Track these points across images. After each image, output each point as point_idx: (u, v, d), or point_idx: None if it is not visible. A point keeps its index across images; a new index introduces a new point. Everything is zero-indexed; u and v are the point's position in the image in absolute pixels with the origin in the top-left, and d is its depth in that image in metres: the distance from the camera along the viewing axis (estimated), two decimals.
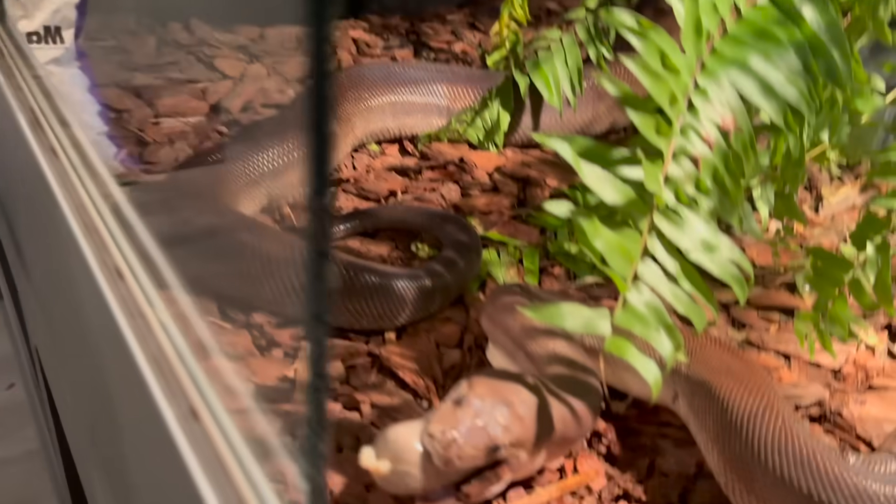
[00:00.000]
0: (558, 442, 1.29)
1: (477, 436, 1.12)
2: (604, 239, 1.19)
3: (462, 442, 1.09)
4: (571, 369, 1.39)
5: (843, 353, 1.77)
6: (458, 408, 1.14)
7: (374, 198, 2.19)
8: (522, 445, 1.19)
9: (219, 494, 0.78)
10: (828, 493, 1.20)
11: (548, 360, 1.42)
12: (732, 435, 1.31)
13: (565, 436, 1.30)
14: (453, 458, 1.08)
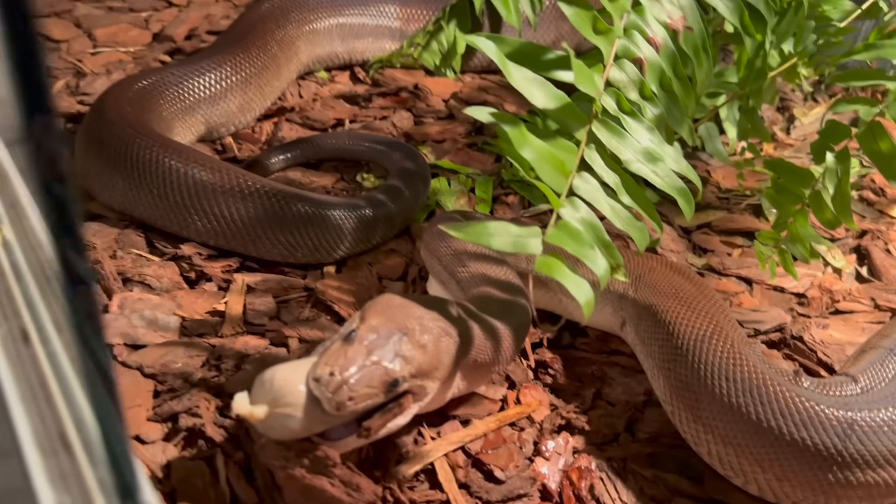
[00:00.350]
0: (477, 366, 1.20)
1: (371, 374, 1.00)
2: (534, 148, 1.08)
3: (354, 383, 0.98)
4: (496, 292, 1.30)
5: (809, 278, 1.69)
6: (348, 345, 1.02)
7: (319, 127, 2.07)
8: (427, 374, 1.08)
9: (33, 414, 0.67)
10: (777, 418, 1.12)
11: (473, 284, 1.33)
12: (679, 360, 1.22)
13: (485, 359, 1.20)
14: (345, 403, 0.97)
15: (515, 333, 1.24)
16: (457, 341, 1.12)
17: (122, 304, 1.33)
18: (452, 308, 1.16)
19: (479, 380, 1.25)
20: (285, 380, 0.98)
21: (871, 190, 2.00)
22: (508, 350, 1.23)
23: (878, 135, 1.26)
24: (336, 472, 0.98)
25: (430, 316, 1.09)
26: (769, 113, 2.31)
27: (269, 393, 0.98)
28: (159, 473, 1.06)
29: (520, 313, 1.28)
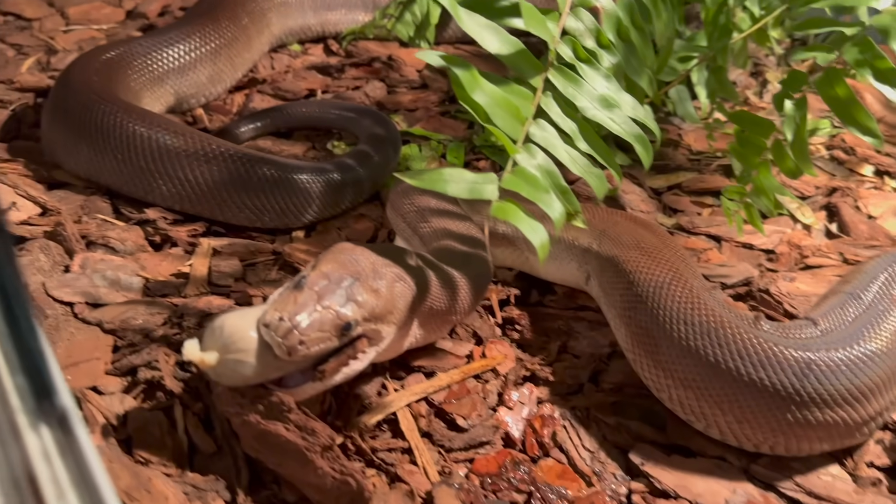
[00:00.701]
0: (434, 314, 1.20)
1: (321, 318, 0.99)
2: (487, 93, 1.08)
3: (304, 327, 0.97)
4: (456, 244, 1.30)
5: (778, 234, 1.69)
6: (298, 291, 1.01)
7: (291, 98, 2.06)
8: (381, 319, 1.07)
9: None
10: (735, 359, 1.13)
11: (435, 238, 1.33)
12: (639, 307, 1.22)
13: (441, 307, 1.20)
14: (296, 347, 0.97)
15: (474, 283, 1.24)
16: (412, 287, 1.11)
17: (84, 265, 1.33)
18: (408, 256, 1.16)
19: (437, 329, 1.25)
20: (235, 326, 0.98)
21: (842, 149, 2.00)
22: (466, 299, 1.23)
23: (834, 81, 1.26)
24: (291, 418, 0.98)
25: (383, 262, 1.09)
26: (743, 78, 2.31)
27: (219, 339, 0.98)
28: (114, 422, 1.06)
29: (479, 264, 1.28)
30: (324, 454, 0.98)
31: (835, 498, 1.13)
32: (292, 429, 0.98)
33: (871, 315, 1.23)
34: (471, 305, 1.26)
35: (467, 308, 1.26)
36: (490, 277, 1.32)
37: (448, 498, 1.05)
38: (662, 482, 1.13)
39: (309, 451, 0.96)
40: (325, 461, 0.97)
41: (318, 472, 0.97)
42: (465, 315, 1.27)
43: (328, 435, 0.99)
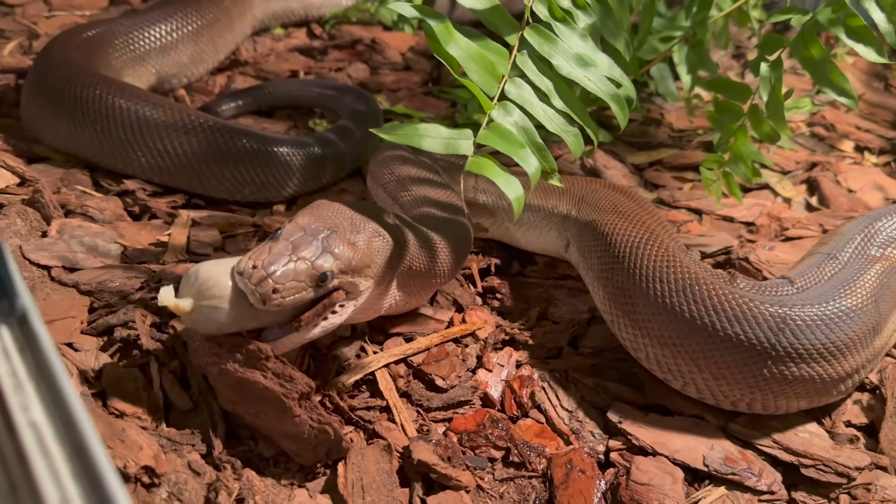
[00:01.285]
0: (414, 275, 1.19)
1: (296, 268, 0.99)
2: (461, 47, 1.08)
3: (279, 276, 0.97)
4: (436, 211, 1.30)
5: (758, 207, 1.70)
6: (274, 242, 1.01)
7: (273, 79, 2.06)
8: (358, 272, 1.06)
9: None
10: (711, 315, 1.13)
11: (415, 206, 1.33)
12: (615, 268, 1.23)
13: (420, 267, 1.20)
14: (270, 295, 0.96)
15: (453, 247, 1.24)
16: (390, 243, 1.11)
17: (62, 230, 1.32)
18: (388, 215, 1.16)
19: (417, 292, 1.24)
20: (210, 273, 0.98)
21: (823, 126, 2.02)
22: (446, 262, 1.23)
23: (809, 41, 1.26)
24: (269, 365, 0.98)
25: (361, 217, 1.09)
26: (725, 59, 2.32)
27: (194, 286, 0.98)
28: (90, 374, 1.05)
29: (458, 229, 1.28)
30: (301, 402, 0.97)
31: (811, 453, 1.13)
32: (270, 376, 0.97)
33: (847, 273, 1.24)
34: (451, 269, 1.26)
35: (447, 272, 1.25)
36: (470, 243, 1.32)
37: (425, 452, 1.05)
38: (640, 439, 1.13)
39: (287, 397, 0.96)
40: (302, 409, 0.97)
41: (295, 420, 0.96)
42: (444, 279, 1.27)
43: (306, 382, 0.99)
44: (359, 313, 1.12)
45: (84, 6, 2.45)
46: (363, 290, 1.08)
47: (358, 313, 1.12)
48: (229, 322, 0.98)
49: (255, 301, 0.97)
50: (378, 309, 1.18)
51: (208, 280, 0.97)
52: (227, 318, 0.97)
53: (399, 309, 1.25)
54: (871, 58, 1.21)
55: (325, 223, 1.05)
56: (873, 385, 1.28)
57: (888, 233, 1.30)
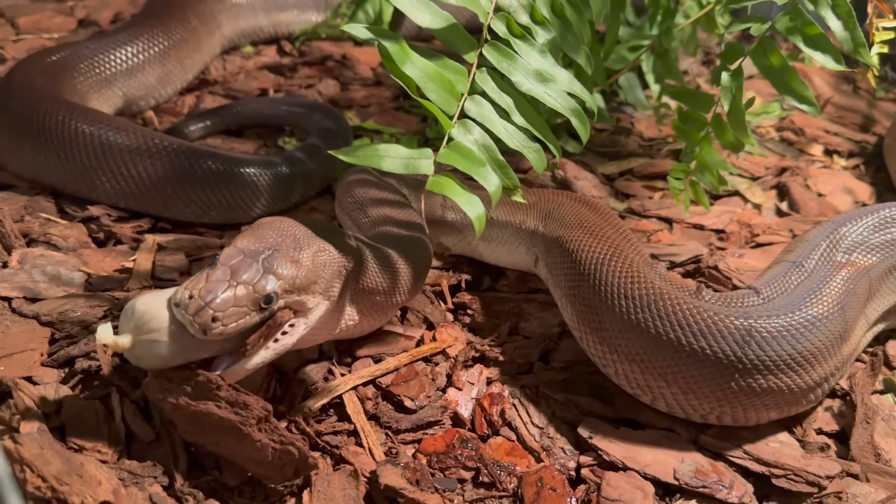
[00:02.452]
0: (369, 293, 1.17)
1: (236, 294, 0.96)
2: (418, 67, 1.08)
3: (218, 304, 0.94)
4: (394, 229, 1.29)
5: (728, 214, 1.70)
6: (211, 269, 0.98)
7: (243, 98, 2.05)
8: (305, 289, 1.04)
9: None
10: (676, 330, 1.12)
11: (373, 226, 1.32)
12: (582, 285, 1.22)
13: (376, 286, 1.18)
14: (209, 324, 0.94)
15: (410, 264, 1.23)
16: (337, 257, 1.09)
17: (23, 260, 1.31)
18: (338, 231, 1.14)
19: (375, 311, 1.22)
20: (147, 306, 0.96)
21: (792, 130, 2.03)
22: (403, 280, 1.22)
23: (768, 50, 1.27)
24: (221, 395, 0.96)
25: (306, 232, 1.07)
26: (694, 66, 2.33)
27: (132, 321, 0.95)
28: (48, 408, 1.04)
29: (416, 246, 1.26)
30: (260, 426, 0.96)
31: (782, 463, 1.13)
32: (224, 406, 0.96)
33: (813, 282, 1.24)
34: (408, 288, 1.24)
35: (404, 290, 1.24)
36: (429, 261, 1.31)
37: (393, 477, 1.04)
38: (611, 454, 1.12)
39: (244, 425, 0.95)
40: (262, 434, 0.96)
41: (256, 445, 0.95)
42: (403, 297, 1.25)
43: (262, 407, 0.98)
44: (313, 333, 1.10)
45: (52, 29, 2.43)
46: (312, 307, 1.05)
47: (312, 333, 1.09)
48: (172, 355, 0.96)
49: (195, 332, 0.94)
50: (333, 329, 1.16)
51: (146, 314, 0.95)
52: (168, 352, 0.95)
53: (358, 329, 1.23)
54: (829, 65, 1.22)
55: (266, 243, 1.03)
56: (843, 391, 1.27)
57: (853, 238, 1.30)
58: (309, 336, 1.09)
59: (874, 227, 1.33)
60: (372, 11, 2.34)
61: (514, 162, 1.26)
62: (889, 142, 1.93)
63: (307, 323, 1.06)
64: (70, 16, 2.51)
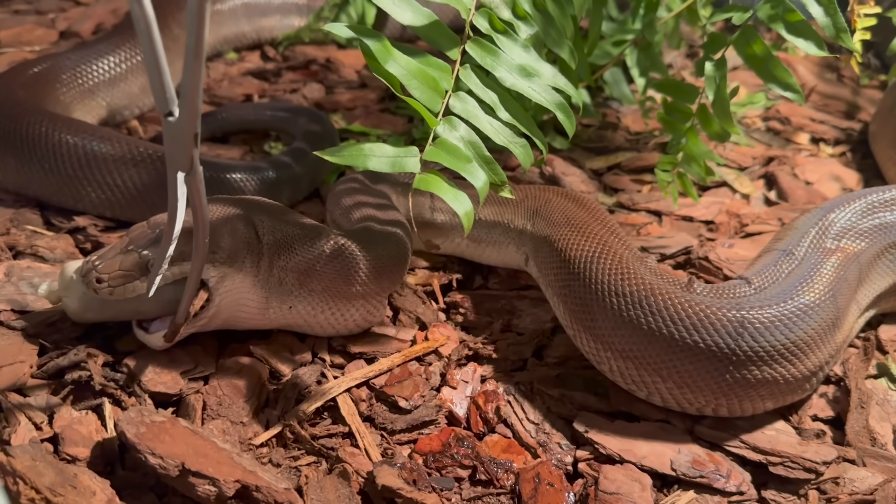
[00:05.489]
0: (322, 278, 1.18)
1: (123, 259, 1.08)
2: (401, 65, 1.07)
3: (102, 267, 1.07)
4: (372, 225, 1.30)
5: (717, 205, 1.71)
6: (119, 240, 1.12)
7: (226, 104, 2.04)
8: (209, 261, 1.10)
9: None
10: (669, 325, 1.12)
11: (352, 226, 1.33)
12: (573, 284, 1.22)
13: (331, 273, 1.19)
14: (94, 285, 1.07)
15: (380, 255, 1.22)
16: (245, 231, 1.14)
17: (10, 272, 1.29)
18: (290, 214, 1.22)
19: (332, 300, 1.21)
20: (67, 269, 1.13)
21: (778, 120, 2.03)
22: (364, 270, 1.21)
23: (751, 38, 1.27)
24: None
25: (221, 207, 1.16)
26: (679, 59, 2.34)
27: (60, 282, 1.15)
28: (39, 420, 1.03)
29: (389, 239, 1.26)
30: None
31: (779, 451, 1.13)
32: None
33: (803, 269, 1.24)
34: (371, 278, 1.22)
35: (366, 280, 1.22)
36: (402, 256, 1.29)
37: (389, 477, 1.03)
38: (607, 447, 1.12)
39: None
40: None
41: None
42: (369, 289, 1.24)
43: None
44: (241, 309, 1.16)
45: (33, 41, 2.41)
46: (216, 276, 1.11)
47: (239, 309, 1.15)
48: (82, 310, 1.13)
49: (89, 291, 1.08)
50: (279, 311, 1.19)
51: (64, 275, 1.13)
52: (77, 307, 1.12)
53: (325, 320, 1.23)
54: (811, 52, 1.22)
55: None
56: (837, 377, 1.28)
57: (842, 224, 1.31)
58: (246, 314, 1.17)
59: (862, 212, 1.33)
60: (354, 14, 2.34)
61: (501, 159, 1.26)
62: (874, 128, 1.94)
63: (220, 293, 1.12)
64: (51, 28, 2.50)
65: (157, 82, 0.82)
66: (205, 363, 1.19)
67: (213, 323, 1.17)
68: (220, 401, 1.11)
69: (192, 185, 0.92)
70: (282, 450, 1.10)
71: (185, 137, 0.86)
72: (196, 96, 0.83)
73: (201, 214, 0.97)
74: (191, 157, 0.88)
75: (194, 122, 0.85)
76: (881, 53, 2.34)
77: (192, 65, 0.80)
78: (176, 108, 0.85)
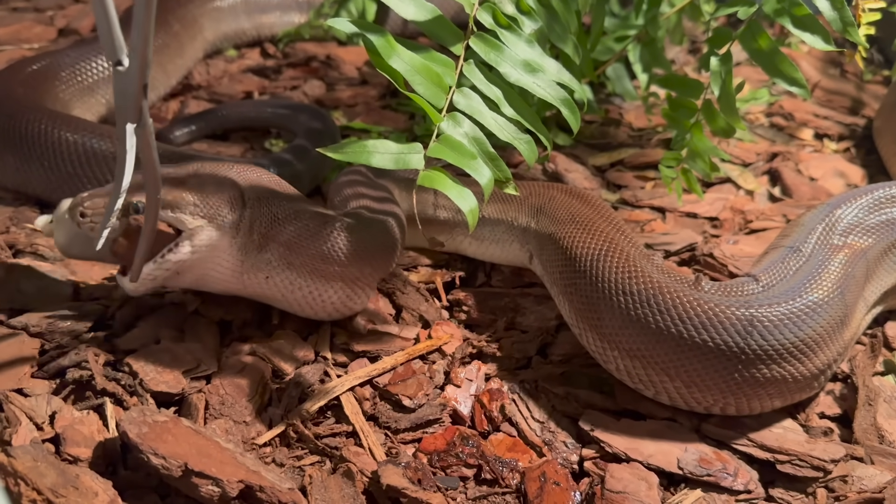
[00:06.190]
0: (302, 251, 1.19)
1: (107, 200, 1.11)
2: (405, 60, 1.06)
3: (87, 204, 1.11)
4: (364, 212, 1.30)
5: (721, 201, 1.69)
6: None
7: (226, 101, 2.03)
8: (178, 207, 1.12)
9: None
10: (677, 324, 1.11)
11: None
12: (579, 282, 1.20)
13: (312, 247, 1.19)
14: (78, 219, 1.11)
15: (368, 242, 1.22)
16: (230, 186, 1.17)
17: (9, 270, 1.28)
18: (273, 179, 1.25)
19: (311, 276, 1.21)
20: (64, 205, 1.17)
21: (781, 116, 2.02)
22: (346, 247, 1.20)
23: (756, 33, 1.26)
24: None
25: (216, 165, 1.20)
26: (681, 55, 2.32)
27: (54, 215, 1.18)
28: (40, 421, 1.02)
29: (381, 227, 1.25)
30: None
31: (786, 449, 1.12)
32: None
33: (811, 266, 1.23)
34: (352, 257, 1.21)
35: (346, 258, 1.21)
36: (391, 242, 1.28)
37: (394, 477, 1.02)
38: (613, 446, 1.11)
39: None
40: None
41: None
42: (348, 270, 1.22)
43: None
44: (216, 269, 1.17)
45: (32, 39, 2.40)
46: (192, 228, 1.13)
47: (213, 268, 1.17)
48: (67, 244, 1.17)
49: (74, 224, 1.12)
50: (255, 279, 1.19)
51: (59, 209, 1.17)
52: (63, 240, 1.17)
53: (302, 297, 1.22)
54: (819, 46, 1.21)
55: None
56: (844, 374, 1.27)
57: (849, 220, 1.30)
58: (220, 275, 1.18)
59: (869, 208, 1.32)
60: (355, 10, 2.32)
61: (504, 156, 1.25)
62: (878, 123, 1.93)
63: (192, 245, 1.14)
64: (50, 25, 2.48)
65: (105, 30, 0.82)
66: (207, 362, 1.18)
67: (186, 278, 1.18)
68: (222, 400, 1.10)
69: (141, 137, 0.92)
70: (285, 449, 1.09)
71: (134, 88, 0.86)
72: (146, 47, 0.83)
73: (151, 166, 0.98)
74: (140, 108, 0.88)
75: (144, 74, 0.85)
76: (885, 49, 2.33)
77: (142, 16, 0.80)
78: (125, 58, 0.84)
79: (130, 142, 0.92)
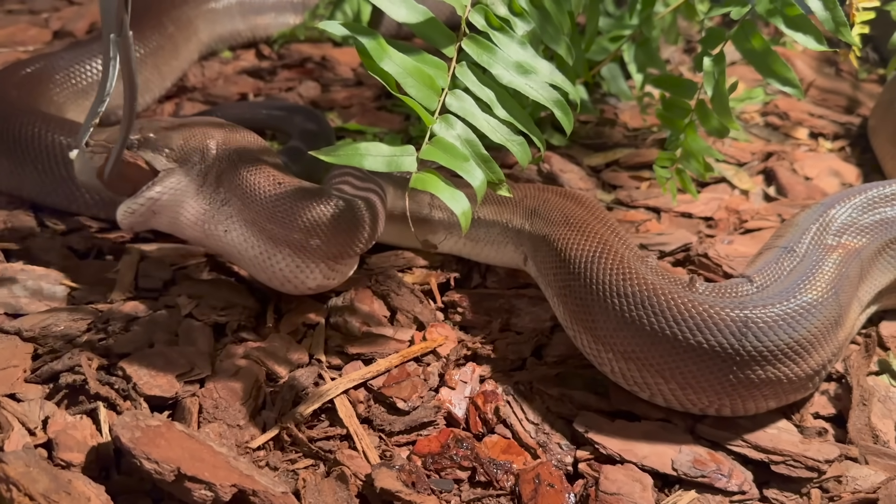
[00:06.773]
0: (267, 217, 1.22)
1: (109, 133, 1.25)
2: (396, 62, 1.06)
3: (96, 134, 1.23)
4: (337, 188, 1.32)
5: (716, 201, 1.69)
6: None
7: (221, 103, 2.03)
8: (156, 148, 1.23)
9: None
10: (672, 326, 1.11)
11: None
12: (573, 284, 1.20)
13: (285, 220, 1.21)
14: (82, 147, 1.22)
15: (330, 215, 1.21)
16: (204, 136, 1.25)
17: (2, 275, 1.28)
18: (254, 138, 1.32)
19: (274, 242, 1.24)
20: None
21: (776, 115, 2.02)
22: (315, 226, 1.21)
23: (749, 33, 1.26)
24: None
25: (212, 121, 1.29)
26: (676, 55, 2.32)
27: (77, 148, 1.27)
28: (32, 425, 1.01)
29: (349, 205, 1.24)
30: None
31: (781, 449, 1.12)
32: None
33: (805, 267, 1.23)
34: (310, 230, 1.21)
35: (305, 229, 1.21)
36: (355, 221, 1.25)
37: (388, 480, 1.02)
38: (607, 448, 1.11)
39: None
40: None
41: None
42: (305, 240, 1.22)
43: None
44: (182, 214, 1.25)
45: (27, 41, 2.40)
46: (163, 169, 1.23)
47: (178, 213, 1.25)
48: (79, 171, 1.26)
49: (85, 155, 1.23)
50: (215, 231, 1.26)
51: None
52: (78, 169, 1.26)
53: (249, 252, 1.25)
54: (811, 46, 1.21)
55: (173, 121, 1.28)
56: (839, 374, 1.27)
57: (843, 220, 1.29)
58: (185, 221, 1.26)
59: (863, 208, 1.32)
60: (350, 12, 2.33)
61: (498, 158, 1.25)
62: (873, 122, 1.92)
63: (161, 186, 1.24)
64: (45, 27, 2.48)
65: None
66: (201, 365, 1.17)
67: (162, 220, 1.27)
68: (216, 404, 1.10)
69: (121, 47, 0.93)
70: (279, 453, 1.09)
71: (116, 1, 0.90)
72: None
73: (130, 75, 1.06)
74: (121, 19, 0.91)
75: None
76: (879, 47, 2.33)
77: None
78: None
79: (113, 51, 1.00)
